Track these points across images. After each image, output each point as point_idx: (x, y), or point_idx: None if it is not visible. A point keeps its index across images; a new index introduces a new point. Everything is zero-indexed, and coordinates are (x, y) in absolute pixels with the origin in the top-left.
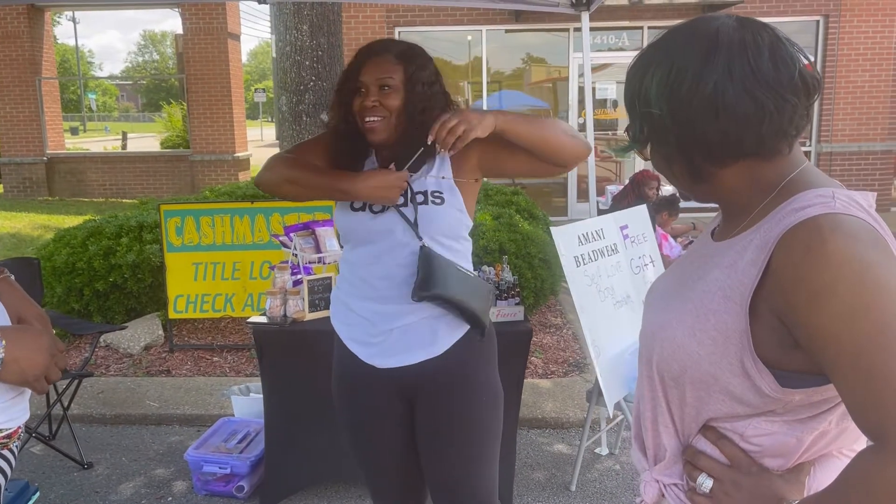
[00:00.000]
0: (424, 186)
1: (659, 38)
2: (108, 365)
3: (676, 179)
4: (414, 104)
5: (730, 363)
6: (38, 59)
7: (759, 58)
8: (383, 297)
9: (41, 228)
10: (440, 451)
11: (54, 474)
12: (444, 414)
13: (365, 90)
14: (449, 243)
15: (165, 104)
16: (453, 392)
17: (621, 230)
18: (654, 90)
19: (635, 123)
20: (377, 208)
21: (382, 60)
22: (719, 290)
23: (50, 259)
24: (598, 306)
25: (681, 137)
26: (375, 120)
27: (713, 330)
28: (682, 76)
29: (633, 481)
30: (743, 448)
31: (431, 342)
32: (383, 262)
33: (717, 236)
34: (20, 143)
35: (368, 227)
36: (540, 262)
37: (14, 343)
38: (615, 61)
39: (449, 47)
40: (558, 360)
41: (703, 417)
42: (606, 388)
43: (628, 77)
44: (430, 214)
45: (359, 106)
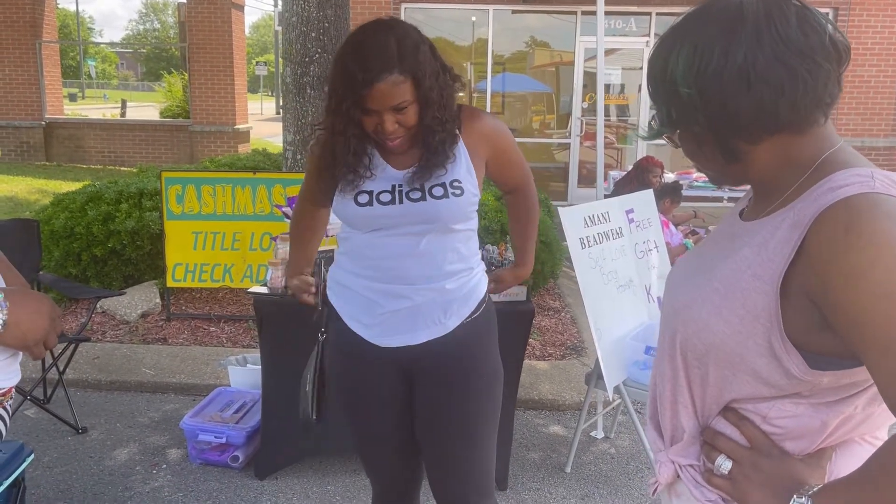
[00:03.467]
0: (443, 178)
1: (679, 21)
2: (105, 331)
3: (708, 162)
4: (430, 113)
5: (757, 343)
6: (38, 21)
7: (786, 25)
8: (389, 277)
9: (38, 193)
10: (439, 430)
11: (48, 438)
12: (444, 392)
13: (378, 113)
14: (462, 227)
15: (166, 73)
16: (455, 370)
17: (627, 214)
18: (681, 71)
19: (661, 108)
20: (385, 199)
21: (391, 84)
22: (748, 268)
23: (48, 223)
24: (601, 289)
25: (712, 116)
26: (398, 140)
27: (741, 309)
28: (710, 52)
29: (629, 465)
30: (764, 430)
31: (437, 322)
32: (390, 246)
33: (747, 216)
34: (18, 106)
35: (377, 215)
36: (541, 245)
37: (17, 305)
38: (622, 46)
39: (452, 27)
40: (556, 342)
41: (725, 398)
42: (607, 371)
43: (651, 62)
44: (451, 208)
45: (374, 128)
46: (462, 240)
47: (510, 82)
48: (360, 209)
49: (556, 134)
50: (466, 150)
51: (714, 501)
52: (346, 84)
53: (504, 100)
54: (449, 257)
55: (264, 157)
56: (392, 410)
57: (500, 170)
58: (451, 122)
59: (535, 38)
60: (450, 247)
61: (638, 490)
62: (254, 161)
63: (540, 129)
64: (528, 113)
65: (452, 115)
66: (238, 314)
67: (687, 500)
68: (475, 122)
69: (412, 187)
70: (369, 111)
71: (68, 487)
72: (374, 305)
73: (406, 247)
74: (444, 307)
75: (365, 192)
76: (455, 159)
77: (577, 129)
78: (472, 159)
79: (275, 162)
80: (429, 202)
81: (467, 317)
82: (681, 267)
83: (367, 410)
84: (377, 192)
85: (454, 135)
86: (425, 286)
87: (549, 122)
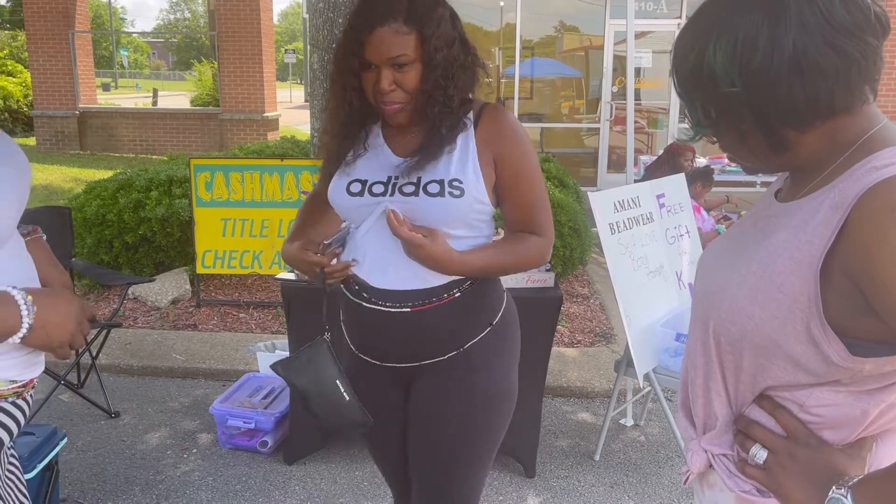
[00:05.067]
0: (441, 175)
1: (704, 12)
2: (136, 317)
3: (752, 155)
4: (433, 80)
5: (795, 329)
6: (71, 12)
7: (831, 5)
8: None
9: (72, 181)
10: (426, 447)
11: (82, 422)
12: (442, 395)
13: (376, 68)
14: (464, 234)
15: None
16: (457, 386)
17: (657, 199)
18: (721, 67)
19: (696, 107)
20: (378, 190)
21: (391, 32)
22: (786, 251)
23: (81, 210)
24: (631, 275)
25: (761, 109)
26: (397, 106)
27: (778, 293)
28: (753, 44)
29: (658, 453)
30: (801, 419)
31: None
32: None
33: (783, 197)
34: (53, 96)
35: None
36: (570, 231)
37: (45, 308)
38: (653, 29)
39: (481, 12)
40: (585, 329)
41: (759, 385)
42: (637, 358)
43: (680, 59)
44: (444, 209)
45: (371, 87)
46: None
47: (539, 67)
48: (350, 199)
49: (586, 119)
50: (476, 150)
51: (748, 492)
52: (348, 31)
53: (532, 85)
54: None
55: (293, 145)
56: (392, 418)
57: (506, 189)
58: (460, 106)
59: (564, 23)
60: None
61: (668, 478)
62: (282, 148)
63: (569, 114)
64: (556, 98)
65: (463, 99)
66: (267, 300)
67: (720, 490)
68: (493, 120)
69: (407, 180)
70: (368, 65)
71: (101, 471)
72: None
73: (397, 249)
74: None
75: (358, 180)
76: (460, 156)
77: (606, 113)
78: (480, 161)
79: (303, 149)
80: (420, 198)
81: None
82: (713, 250)
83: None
84: (371, 183)
85: (460, 119)
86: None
87: (578, 106)
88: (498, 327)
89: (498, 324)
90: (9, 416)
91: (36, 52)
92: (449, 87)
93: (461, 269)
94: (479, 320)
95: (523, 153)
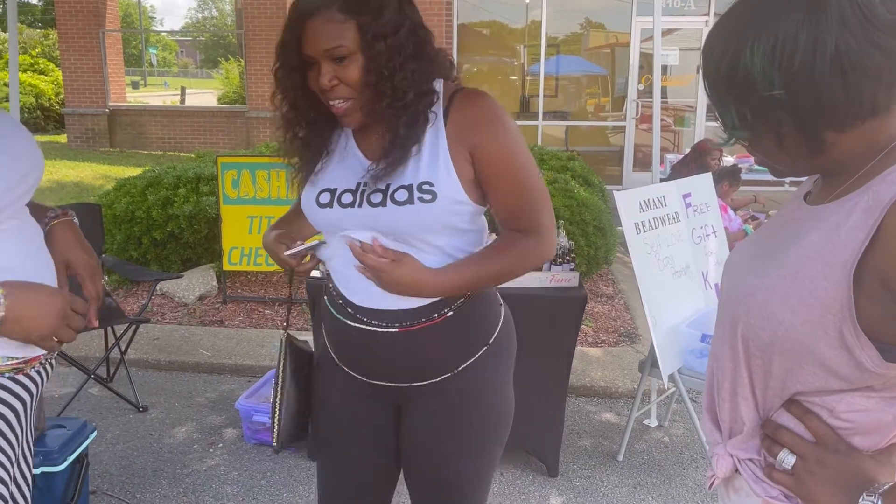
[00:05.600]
0: (409, 179)
1: (735, 12)
2: (164, 313)
3: (787, 157)
4: (375, 71)
5: (827, 334)
6: (101, 11)
7: (871, 4)
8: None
9: (102, 178)
10: (430, 461)
11: (111, 415)
12: (437, 419)
13: (317, 63)
14: (446, 241)
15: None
16: (449, 409)
17: (684, 198)
18: (760, 70)
19: (731, 112)
20: (346, 199)
21: (324, 20)
22: (818, 254)
23: (111, 207)
24: (657, 275)
25: (801, 111)
26: (341, 103)
27: (809, 298)
28: (793, 45)
29: (683, 454)
30: (831, 424)
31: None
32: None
33: (813, 199)
34: (84, 94)
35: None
36: (594, 230)
37: (19, 301)
38: (680, 26)
39: (506, 10)
40: (609, 329)
41: (789, 390)
42: (662, 358)
43: (713, 62)
44: (415, 218)
45: (315, 84)
46: (442, 256)
47: (564, 65)
48: (320, 211)
49: (611, 117)
50: (447, 145)
51: (776, 497)
52: (286, 24)
53: (558, 82)
54: None
55: None
56: (375, 446)
57: (488, 179)
58: (418, 99)
59: (590, 20)
60: (424, 261)
61: (692, 480)
62: None
63: (594, 111)
64: (582, 96)
65: (421, 91)
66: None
67: (746, 495)
68: (465, 107)
69: (375, 188)
70: (309, 62)
71: (130, 463)
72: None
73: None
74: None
75: (327, 189)
76: (430, 154)
77: (632, 111)
78: (453, 157)
79: None
80: (388, 208)
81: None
82: (741, 252)
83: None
84: (340, 191)
85: (419, 114)
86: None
87: (603, 104)
88: (493, 347)
89: (493, 343)
90: (8, 392)
91: (67, 50)
92: (395, 78)
93: (440, 290)
94: (473, 341)
95: (504, 140)
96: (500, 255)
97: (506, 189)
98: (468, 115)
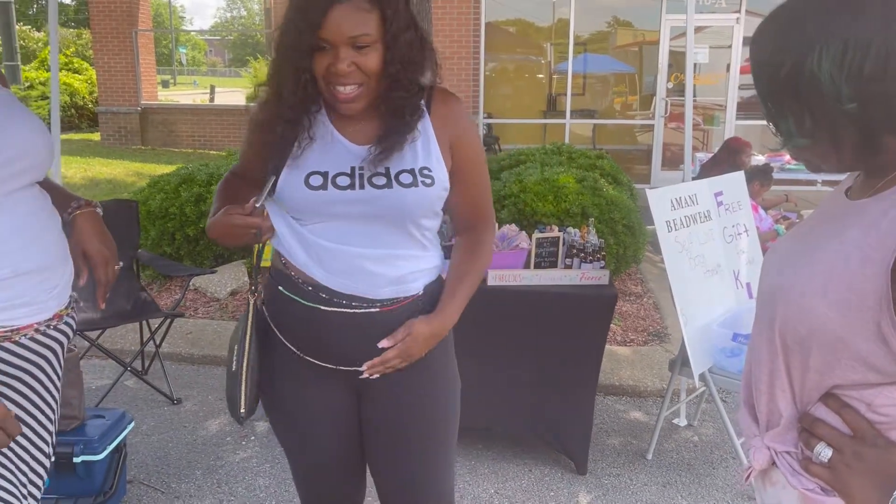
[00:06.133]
0: (410, 164)
1: (794, 9)
2: (197, 307)
3: (838, 160)
4: (397, 62)
5: (864, 327)
6: (134, 11)
7: None
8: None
9: (135, 175)
10: (395, 450)
11: (146, 407)
12: (397, 406)
13: (332, 49)
14: (428, 223)
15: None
16: (408, 382)
17: (715, 196)
18: (827, 75)
19: (788, 118)
20: (343, 182)
21: (352, 8)
22: (857, 249)
23: (145, 204)
24: (688, 274)
25: (867, 120)
26: (350, 89)
27: (847, 291)
28: (864, 49)
29: (713, 454)
30: (869, 419)
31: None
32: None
33: (854, 194)
34: (117, 93)
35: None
36: (623, 229)
37: None
38: (711, 24)
39: (533, 7)
40: (638, 328)
41: (826, 384)
42: (693, 357)
43: (769, 66)
44: (419, 199)
45: (325, 69)
46: (424, 238)
47: (591, 63)
48: (312, 193)
49: (639, 115)
50: (435, 135)
51: (812, 490)
52: (302, 8)
53: (585, 81)
54: (405, 256)
55: None
56: (338, 432)
57: (460, 175)
58: (418, 92)
59: (618, 18)
60: (408, 245)
61: (722, 479)
62: None
63: (621, 110)
64: (609, 94)
65: (419, 86)
66: None
67: (783, 487)
68: (445, 102)
69: (375, 171)
70: (323, 46)
71: (165, 455)
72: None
73: (362, 244)
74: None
75: (318, 172)
76: (423, 144)
77: (661, 109)
78: (440, 146)
79: None
80: (395, 190)
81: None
82: (780, 248)
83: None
84: (333, 174)
85: (419, 105)
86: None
87: (630, 103)
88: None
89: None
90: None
91: (101, 50)
92: (410, 69)
93: (454, 319)
94: None
95: (475, 136)
96: (479, 260)
97: (474, 181)
98: (451, 111)
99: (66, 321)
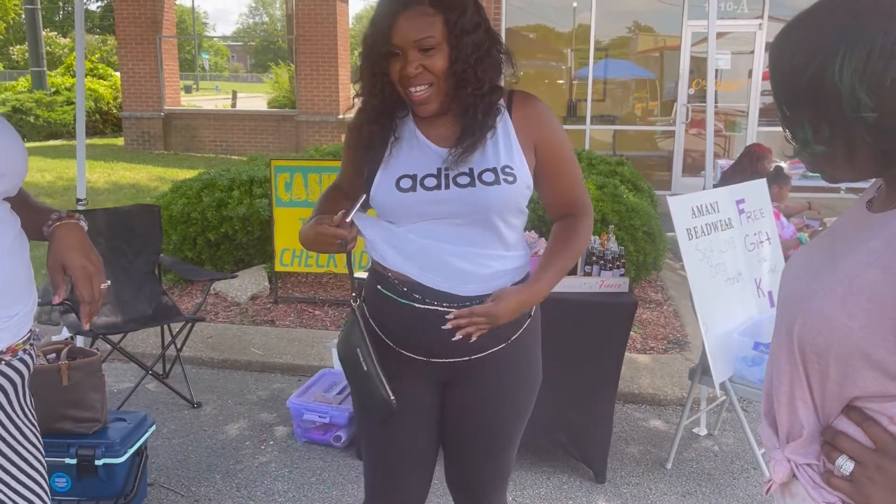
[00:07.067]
0: (493, 163)
1: (818, 16)
2: (217, 312)
3: (853, 169)
4: (462, 61)
5: (885, 338)
6: (158, 18)
7: None
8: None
9: (157, 180)
10: (475, 436)
11: (167, 410)
12: (481, 396)
13: (402, 54)
14: (514, 221)
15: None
16: (495, 373)
17: (737, 204)
18: (850, 84)
19: (804, 126)
20: (430, 183)
21: (417, 14)
22: (877, 260)
23: (167, 208)
24: (709, 282)
25: (886, 131)
26: (422, 90)
27: (867, 302)
28: (886, 63)
29: (733, 464)
30: (891, 431)
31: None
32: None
33: (876, 206)
34: (141, 98)
35: (422, 202)
36: (644, 236)
37: None
38: (732, 30)
39: (553, 13)
40: (658, 336)
41: (847, 395)
42: (714, 366)
43: (789, 73)
44: (502, 197)
45: (398, 73)
46: (511, 236)
47: (612, 69)
48: (402, 196)
49: (660, 121)
50: (516, 135)
51: (833, 503)
52: (375, 19)
53: (606, 86)
54: (492, 255)
55: None
56: (422, 409)
57: (548, 173)
58: (491, 91)
59: (639, 23)
60: (495, 244)
61: (743, 490)
62: None
63: (642, 116)
64: (630, 100)
65: (493, 86)
66: (342, 299)
67: (803, 500)
68: (526, 104)
69: (459, 171)
70: (394, 52)
71: (185, 458)
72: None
73: (450, 241)
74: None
75: (407, 175)
76: (504, 141)
77: (682, 116)
78: (522, 146)
79: None
80: (478, 188)
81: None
82: (800, 258)
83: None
84: (421, 177)
85: (493, 104)
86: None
87: (651, 108)
88: (535, 318)
89: (535, 314)
90: None
91: (125, 56)
92: (478, 68)
93: (543, 293)
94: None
95: (562, 135)
96: (574, 240)
97: (564, 179)
98: (532, 112)
99: (20, 357)
